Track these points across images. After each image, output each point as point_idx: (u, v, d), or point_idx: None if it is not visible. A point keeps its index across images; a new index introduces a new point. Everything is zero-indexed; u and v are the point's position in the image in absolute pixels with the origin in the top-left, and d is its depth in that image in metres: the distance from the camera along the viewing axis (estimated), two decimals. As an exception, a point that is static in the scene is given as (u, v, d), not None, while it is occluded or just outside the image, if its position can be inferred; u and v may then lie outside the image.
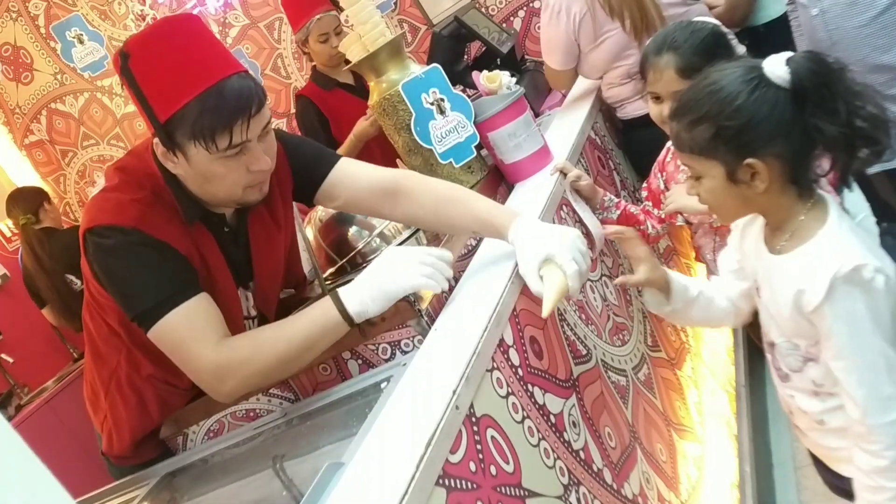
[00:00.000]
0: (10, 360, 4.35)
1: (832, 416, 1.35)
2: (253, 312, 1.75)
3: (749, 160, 1.21)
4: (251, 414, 1.72)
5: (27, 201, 4.19)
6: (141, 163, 1.57)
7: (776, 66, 1.19)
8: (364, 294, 1.41)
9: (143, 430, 1.81)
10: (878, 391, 1.22)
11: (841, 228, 1.24)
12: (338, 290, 1.44)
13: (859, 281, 1.18)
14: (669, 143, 2.08)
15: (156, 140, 1.47)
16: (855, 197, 3.26)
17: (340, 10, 3.12)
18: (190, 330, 1.46)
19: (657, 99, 1.85)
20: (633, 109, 2.62)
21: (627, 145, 2.81)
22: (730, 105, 1.21)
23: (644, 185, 2.17)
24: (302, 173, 1.73)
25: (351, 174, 1.74)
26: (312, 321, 1.44)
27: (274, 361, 1.45)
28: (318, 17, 3.13)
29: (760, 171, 1.22)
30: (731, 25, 2.79)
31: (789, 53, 1.20)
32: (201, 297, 1.49)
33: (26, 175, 4.77)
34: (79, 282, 4.12)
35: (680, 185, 1.96)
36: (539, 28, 3.33)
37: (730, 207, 1.32)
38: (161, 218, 1.51)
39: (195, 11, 4.07)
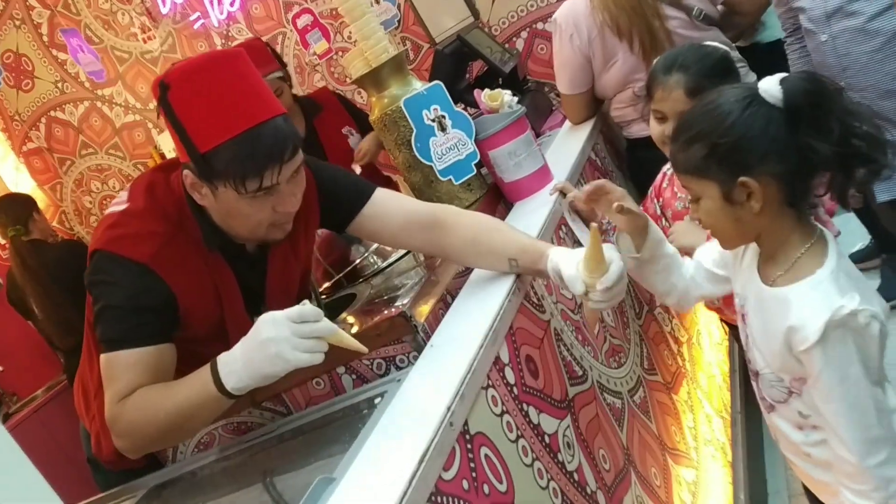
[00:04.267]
0: (0, 368, 4.32)
1: (817, 449, 1.34)
2: None
3: (743, 178, 1.20)
4: (242, 427, 1.70)
5: (16, 211, 4.08)
6: (171, 183, 1.55)
7: (770, 86, 1.19)
8: (243, 374, 1.32)
9: None
10: (867, 433, 1.21)
11: (839, 269, 1.23)
12: (218, 362, 1.35)
13: (855, 326, 1.18)
14: (665, 169, 2.07)
15: (185, 171, 1.46)
16: (854, 228, 3.27)
17: (281, 64, 3.05)
18: (115, 374, 1.45)
19: (661, 119, 1.84)
20: (639, 129, 2.62)
21: (632, 165, 2.81)
22: (722, 123, 1.21)
23: (640, 208, 2.17)
24: (333, 205, 1.72)
25: (386, 208, 1.71)
26: (194, 395, 1.38)
27: (157, 431, 1.42)
28: None
29: (755, 191, 1.20)
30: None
31: (784, 74, 1.20)
32: (154, 349, 1.46)
33: (23, 182, 4.75)
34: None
35: (682, 223, 1.95)
36: (542, 49, 3.34)
37: (728, 230, 1.30)
38: (176, 252, 1.50)
39: (198, 24, 4.07)
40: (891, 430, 1.22)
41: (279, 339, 1.27)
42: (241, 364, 1.32)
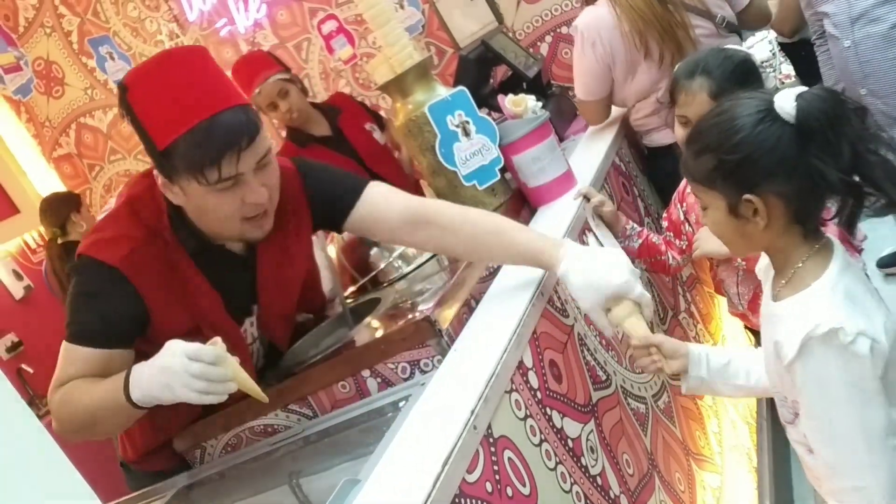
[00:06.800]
0: (31, 370, 4.36)
1: None
2: (256, 334, 1.77)
3: (747, 196, 1.17)
4: (269, 430, 1.72)
5: (57, 212, 4.15)
6: (154, 189, 1.57)
7: (785, 101, 1.13)
8: (144, 389, 1.37)
9: (156, 441, 1.82)
10: (851, 458, 1.17)
11: (837, 284, 1.17)
12: (132, 371, 1.41)
13: (835, 343, 1.12)
14: (689, 174, 2.07)
15: (156, 171, 1.50)
16: (884, 233, 3.24)
17: (285, 67, 3.07)
18: (65, 363, 1.54)
19: (685, 123, 1.85)
20: (658, 138, 2.62)
21: (652, 173, 2.81)
22: (731, 139, 1.17)
23: (665, 214, 2.17)
24: (324, 204, 1.71)
25: (379, 204, 1.69)
26: (108, 397, 1.44)
27: (78, 423, 1.50)
28: (256, 91, 2.95)
29: (759, 208, 1.17)
30: (783, 35, 2.80)
31: (803, 88, 1.15)
32: (108, 353, 1.53)
33: (53, 188, 4.81)
34: None
35: (705, 229, 1.94)
36: (566, 54, 3.35)
37: (735, 241, 1.27)
38: (149, 257, 1.54)
39: (224, 31, 4.11)
40: (885, 458, 1.16)
41: (171, 371, 1.32)
42: (144, 379, 1.38)
